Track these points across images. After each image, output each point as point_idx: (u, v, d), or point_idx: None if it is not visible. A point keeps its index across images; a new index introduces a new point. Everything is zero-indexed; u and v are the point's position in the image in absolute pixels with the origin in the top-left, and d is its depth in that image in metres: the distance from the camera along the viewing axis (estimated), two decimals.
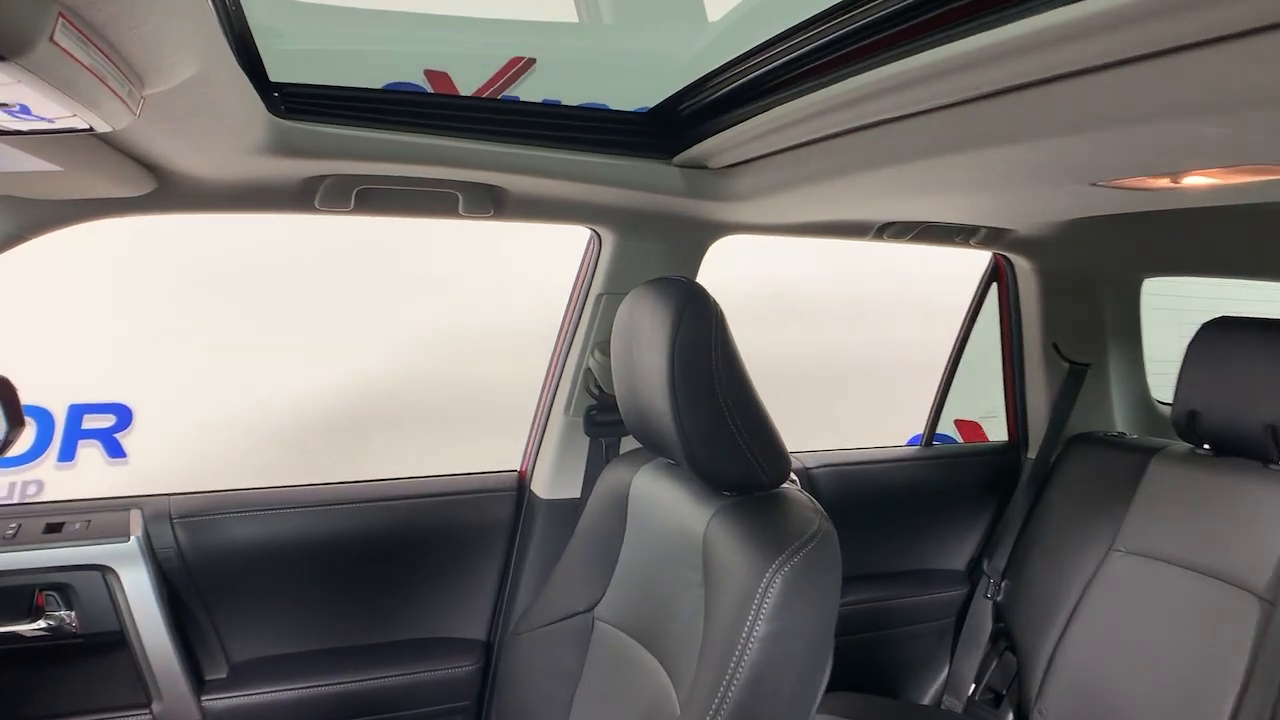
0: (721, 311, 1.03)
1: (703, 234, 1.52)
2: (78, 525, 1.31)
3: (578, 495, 1.55)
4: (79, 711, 1.33)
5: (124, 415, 2.99)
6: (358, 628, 1.52)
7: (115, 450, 2.95)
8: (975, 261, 2.05)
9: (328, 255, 3.05)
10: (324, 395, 3.06)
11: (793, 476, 1.08)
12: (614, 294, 1.47)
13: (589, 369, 1.51)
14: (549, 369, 1.60)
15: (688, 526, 1.07)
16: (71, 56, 0.53)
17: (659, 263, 1.47)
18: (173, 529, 1.37)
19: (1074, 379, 1.96)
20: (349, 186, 1.20)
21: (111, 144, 0.89)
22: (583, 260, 1.54)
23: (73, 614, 1.29)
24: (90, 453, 2.93)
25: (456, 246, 3.07)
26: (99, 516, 1.33)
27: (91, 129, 0.67)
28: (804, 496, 1.06)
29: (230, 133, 0.96)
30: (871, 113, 0.94)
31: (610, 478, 1.28)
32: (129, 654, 1.31)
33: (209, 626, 1.42)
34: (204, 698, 1.37)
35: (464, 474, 1.59)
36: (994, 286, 2.03)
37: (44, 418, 2.87)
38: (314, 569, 1.48)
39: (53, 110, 0.59)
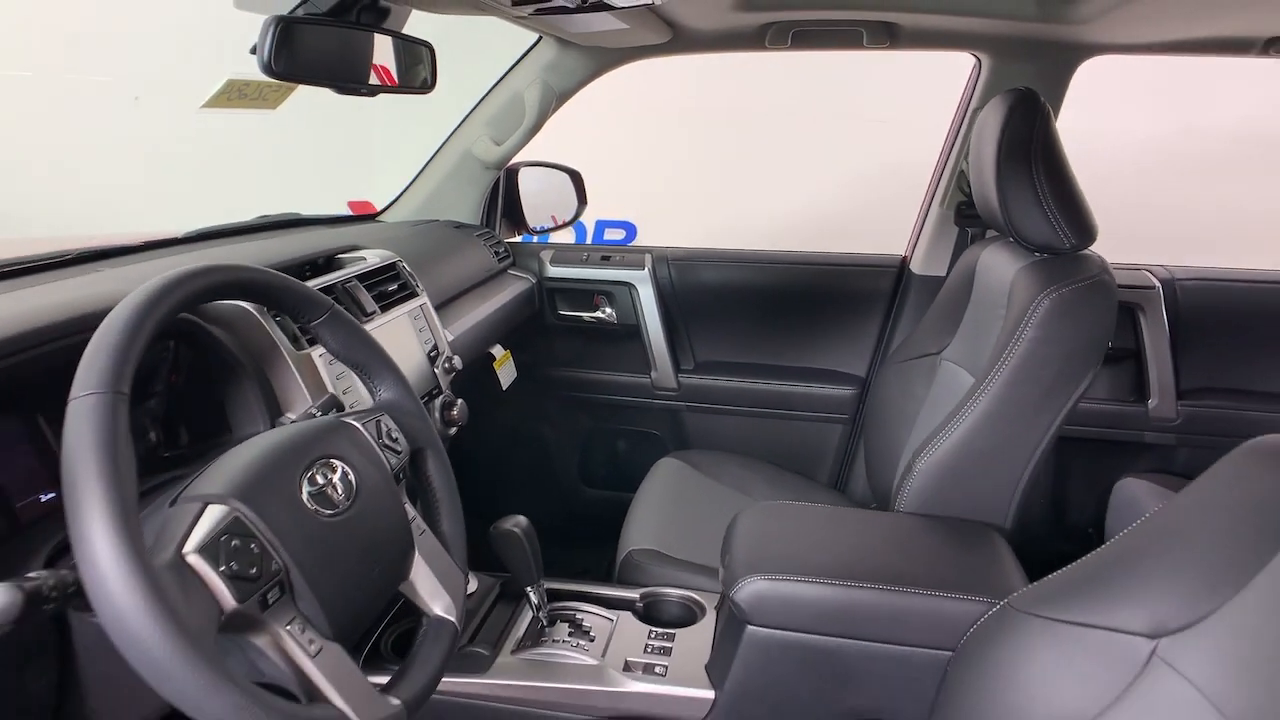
0: (1049, 115, 1.30)
1: (1071, 55, 1.74)
2: (616, 258, 2.13)
3: (944, 274, 1.94)
4: (613, 368, 2.20)
5: (630, 230, 3.86)
6: (775, 350, 2.14)
7: None
8: None
9: (789, 100, 3.51)
10: (781, 223, 3.58)
11: None
12: None
13: (963, 170, 1.89)
14: (933, 174, 2.02)
15: (1004, 277, 1.39)
16: None
17: (1028, 84, 1.74)
18: (669, 267, 2.12)
19: None
20: (788, 29, 1.74)
21: (655, 11, 1.55)
22: (966, 85, 1.90)
23: (613, 311, 2.15)
24: None
25: (914, 90, 3.19)
26: (628, 254, 2.14)
27: (652, 3, 1.31)
28: (1103, 260, 1.30)
29: None
30: None
31: (967, 255, 1.62)
32: (640, 342, 2.14)
33: (684, 333, 2.17)
34: (680, 374, 2.15)
35: (861, 252, 2.11)
36: None
37: (579, 227, 3.77)
38: (751, 306, 2.12)
39: None
